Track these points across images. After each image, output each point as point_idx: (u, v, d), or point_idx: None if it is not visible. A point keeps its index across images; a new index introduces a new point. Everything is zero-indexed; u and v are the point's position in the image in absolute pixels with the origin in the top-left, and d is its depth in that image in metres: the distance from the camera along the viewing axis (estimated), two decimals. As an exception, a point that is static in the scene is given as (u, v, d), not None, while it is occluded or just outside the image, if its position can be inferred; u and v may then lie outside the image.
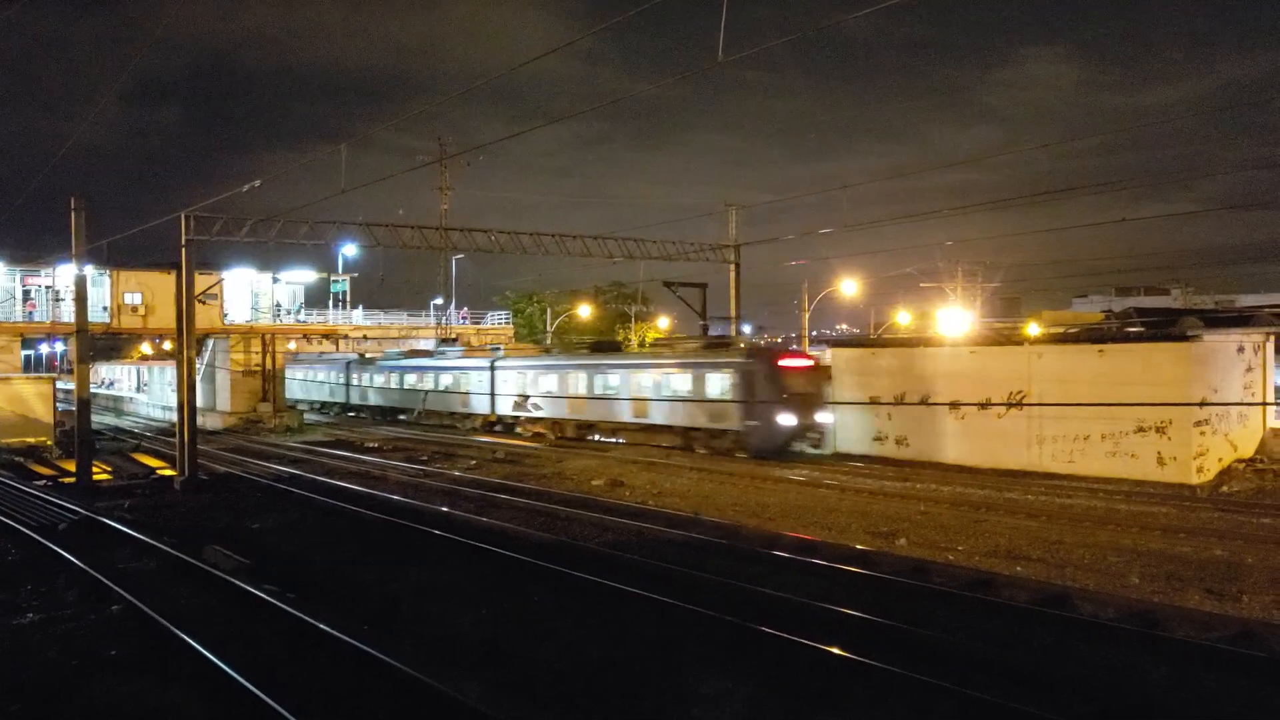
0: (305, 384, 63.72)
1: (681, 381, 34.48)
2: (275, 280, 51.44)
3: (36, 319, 47.56)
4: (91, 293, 33.27)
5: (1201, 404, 22.87)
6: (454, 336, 60.31)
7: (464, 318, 65.06)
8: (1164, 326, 25.68)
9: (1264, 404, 25.47)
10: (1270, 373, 26.53)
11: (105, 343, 66.31)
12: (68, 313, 42.18)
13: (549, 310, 77.35)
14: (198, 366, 37.22)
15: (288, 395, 63.52)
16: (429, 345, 58.11)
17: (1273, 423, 26.54)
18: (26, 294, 48.24)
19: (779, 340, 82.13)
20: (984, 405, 26.52)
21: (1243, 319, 22.86)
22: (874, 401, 30.89)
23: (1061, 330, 30.88)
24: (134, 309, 47.55)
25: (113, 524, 19.77)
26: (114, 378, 78.52)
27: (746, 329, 48.68)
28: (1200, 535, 17.42)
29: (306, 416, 56.12)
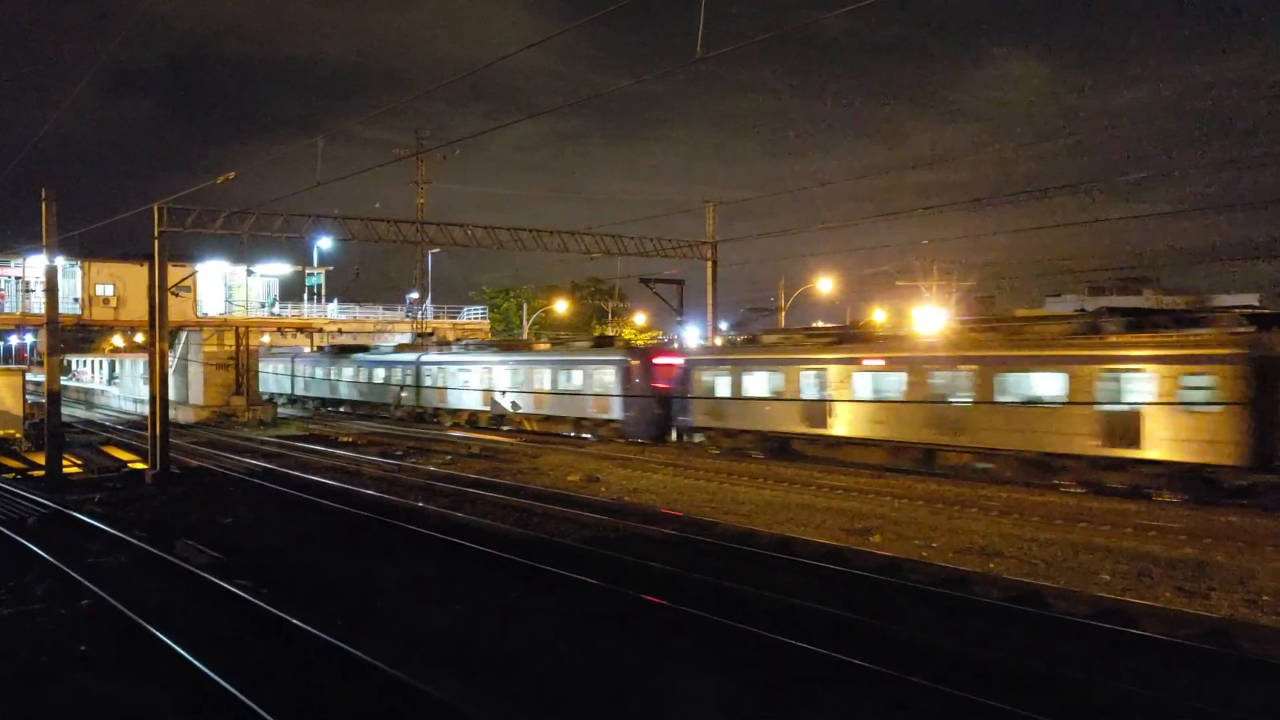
0: (342, 383, 55.04)
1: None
2: (250, 273, 51.04)
3: (6, 310, 46.99)
4: (62, 284, 32.91)
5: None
6: (430, 331, 60.13)
7: (411, 303, 64.50)
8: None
9: None
10: None
11: (76, 334, 65.62)
12: (38, 304, 41.71)
13: (525, 305, 77.24)
14: (170, 359, 36.92)
15: (312, 394, 58.95)
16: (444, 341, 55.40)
17: None
18: (-4, 285, 47.67)
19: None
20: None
21: (1212, 319, 23.06)
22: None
23: None
24: (106, 300, 47.06)
25: (83, 518, 19.58)
26: (81, 370, 77.79)
27: (724, 326, 48.73)
28: (1170, 533, 17.61)
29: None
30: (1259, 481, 20.02)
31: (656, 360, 37.46)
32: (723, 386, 32.47)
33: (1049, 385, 23.36)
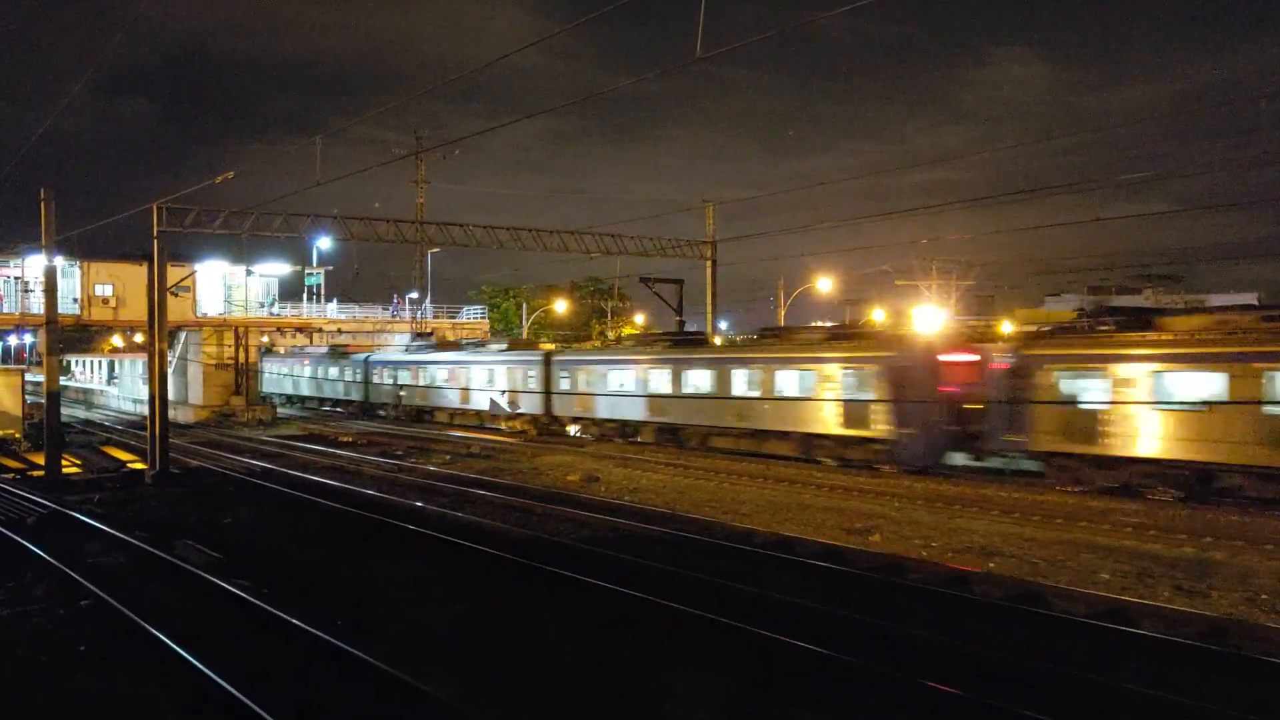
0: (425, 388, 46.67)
1: None
2: (249, 273, 51.00)
3: (5, 310, 46.97)
4: (61, 284, 32.91)
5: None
6: (429, 331, 60.13)
7: (398, 303, 64.22)
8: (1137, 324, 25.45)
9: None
10: None
11: (75, 335, 65.60)
12: (37, 304, 41.73)
13: (525, 305, 77.24)
14: (169, 359, 36.93)
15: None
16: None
17: None
18: (-6, 285, 47.66)
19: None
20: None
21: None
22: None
23: (1034, 328, 31.09)
24: (105, 300, 47.08)
25: (82, 518, 19.56)
26: (80, 371, 77.79)
27: (723, 325, 48.72)
28: (1171, 532, 17.60)
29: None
30: None
31: (948, 358, 26.95)
32: (1096, 390, 22.68)
33: None
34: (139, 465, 30.62)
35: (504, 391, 42.00)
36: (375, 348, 56.23)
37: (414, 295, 66.74)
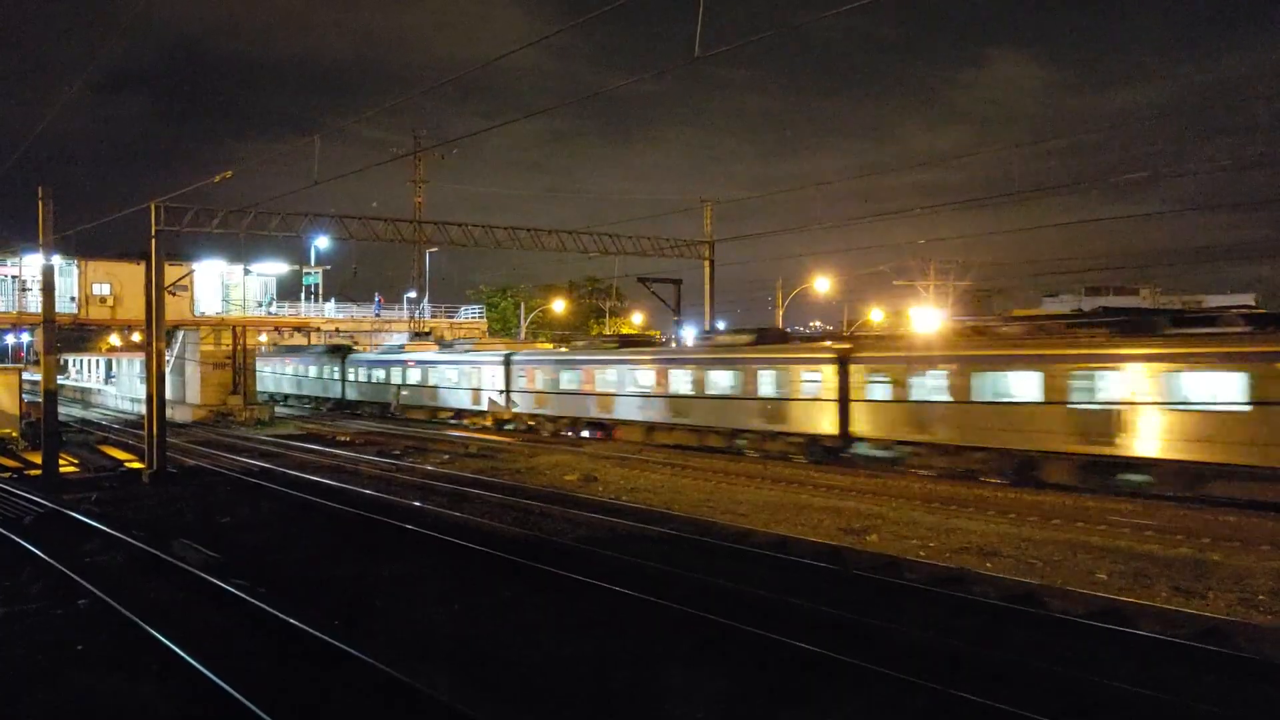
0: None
1: None
2: (247, 272, 50.92)
3: (2, 309, 46.89)
4: (59, 283, 32.84)
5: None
6: (427, 330, 60.14)
7: (380, 301, 64.14)
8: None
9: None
10: None
11: (73, 334, 65.54)
12: (34, 303, 41.63)
13: (522, 305, 77.24)
14: (167, 358, 36.90)
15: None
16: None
17: None
18: (-9, 284, 47.57)
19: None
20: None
21: (1209, 319, 23.01)
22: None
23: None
24: (102, 299, 47.00)
25: (79, 517, 19.55)
26: (75, 371, 77.69)
27: (720, 325, 48.71)
28: (1167, 533, 17.62)
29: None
30: None
31: None
32: None
33: None
34: (136, 464, 30.57)
35: (498, 391, 41.43)
36: (376, 345, 56.39)
37: (412, 294, 66.67)
